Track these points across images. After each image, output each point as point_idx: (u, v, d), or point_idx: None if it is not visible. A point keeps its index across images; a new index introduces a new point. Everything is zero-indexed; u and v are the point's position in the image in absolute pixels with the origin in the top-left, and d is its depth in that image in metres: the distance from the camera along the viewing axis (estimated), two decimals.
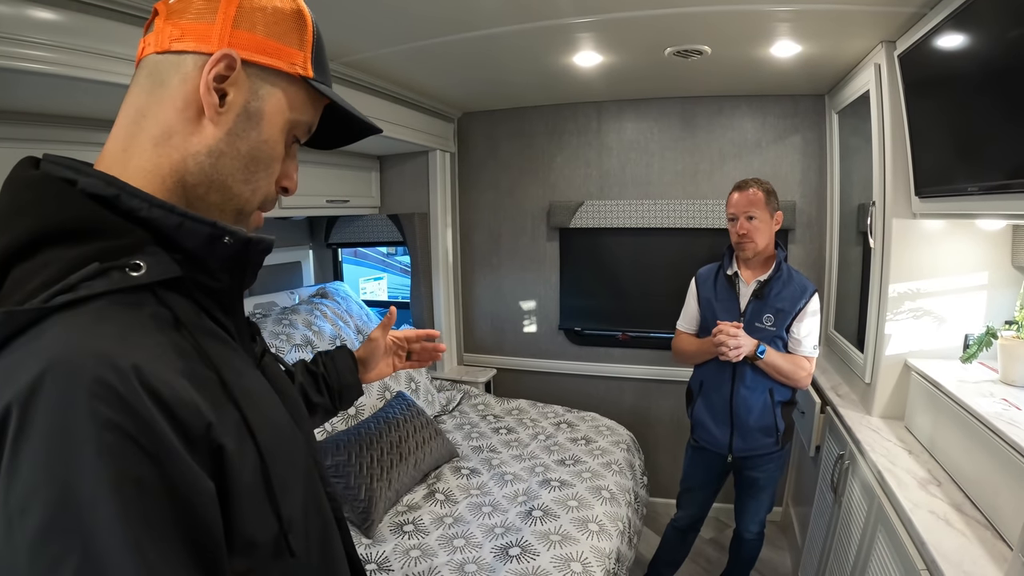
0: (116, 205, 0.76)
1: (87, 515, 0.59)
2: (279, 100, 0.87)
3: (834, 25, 2.61)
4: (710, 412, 2.97)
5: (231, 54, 0.80)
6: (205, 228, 0.80)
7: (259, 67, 0.84)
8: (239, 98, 0.83)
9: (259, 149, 0.87)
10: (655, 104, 4.15)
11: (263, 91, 0.85)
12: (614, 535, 2.71)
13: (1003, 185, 1.84)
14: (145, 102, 0.82)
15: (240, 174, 0.86)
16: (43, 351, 0.63)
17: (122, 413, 0.62)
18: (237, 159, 0.85)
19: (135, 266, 0.73)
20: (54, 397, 0.60)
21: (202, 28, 0.81)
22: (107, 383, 0.62)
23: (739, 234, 2.81)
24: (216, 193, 0.85)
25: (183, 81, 0.81)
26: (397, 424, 3.11)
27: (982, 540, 1.79)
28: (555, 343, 4.64)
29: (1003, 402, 2.06)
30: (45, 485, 0.59)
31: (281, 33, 0.86)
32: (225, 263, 0.84)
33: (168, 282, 0.77)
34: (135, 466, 0.62)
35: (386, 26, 2.63)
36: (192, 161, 0.82)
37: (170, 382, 0.67)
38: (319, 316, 3.90)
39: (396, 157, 4.44)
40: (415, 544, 2.57)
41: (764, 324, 2.80)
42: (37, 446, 0.59)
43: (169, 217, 0.78)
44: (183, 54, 0.81)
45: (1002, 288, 2.60)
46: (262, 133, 0.86)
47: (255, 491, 0.76)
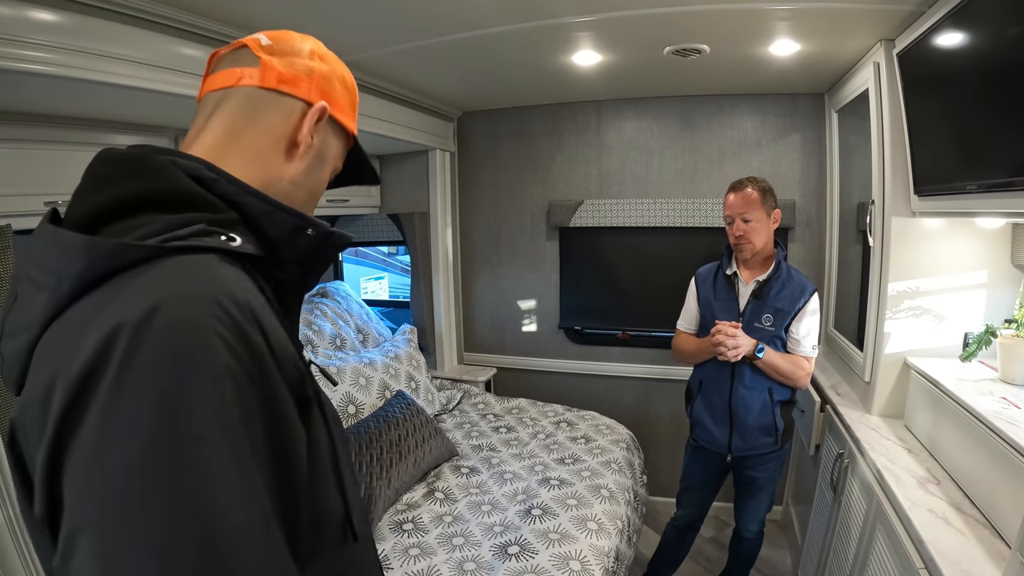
0: (212, 188, 0.84)
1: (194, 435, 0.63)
2: (336, 149, 1.05)
3: (833, 23, 2.61)
4: (709, 411, 2.97)
5: (326, 108, 0.98)
6: (291, 218, 0.90)
7: (334, 121, 1.02)
8: (318, 142, 0.99)
9: (319, 186, 1.04)
10: (654, 103, 4.15)
11: (330, 140, 1.03)
12: (613, 534, 2.71)
13: (1002, 183, 1.84)
14: (243, 125, 0.93)
15: (304, 203, 1.00)
16: (162, 282, 0.68)
17: (239, 340, 0.68)
18: (306, 190, 1.00)
19: (232, 237, 0.80)
20: (176, 320, 0.65)
21: (304, 80, 0.96)
22: (227, 310, 0.69)
23: (736, 236, 2.80)
24: None
25: (284, 119, 0.95)
26: (397, 423, 3.11)
27: (980, 539, 1.79)
28: (555, 342, 4.64)
29: (1002, 401, 2.06)
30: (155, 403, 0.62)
31: (345, 97, 1.04)
32: (300, 255, 0.92)
33: (254, 262, 0.84)
34: (246, 392, 0.68)
35: (386, 25, 2.63)
36: (277, 184, 0.95)
37: (274, 328, 0.76)
38: (319, 315, 3.90)
39: (396, 156, 4.45)
40: (414, 543, 2.57)
41: (763, 324, 2.80)
42: (150, 364, 0.63)
43: (261, 205, 0.87)
44: (286, 96, 0.95)
45: (1001, 286, 2.59)
46: (323, 174, 1.04)
47: (327, 463, 0.84)
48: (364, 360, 3.63)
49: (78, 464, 0.62)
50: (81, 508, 0.61)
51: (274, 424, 0.71)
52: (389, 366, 3.74)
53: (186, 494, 0.61)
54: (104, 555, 0.60)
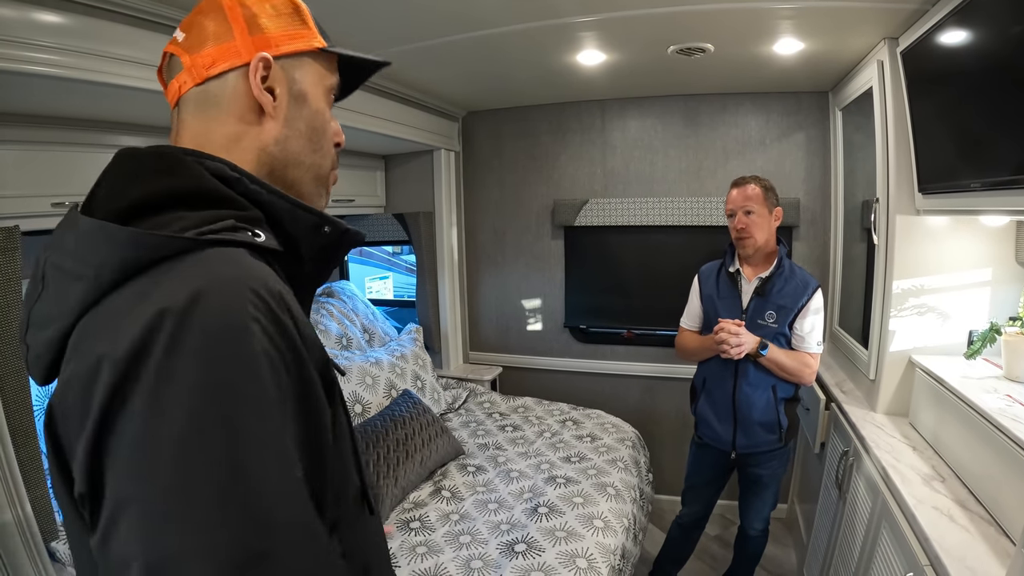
0: (235, 187, 0.86)
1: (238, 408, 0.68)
2: (312, 75, 1.00)
3: (837, 22, 2.62)
4: (713, 409, 2.98)
5: (265, 56, 0.92)
6: (312, 217, 0.93)
7: (286, 56, 0.96)
8: (283, 88, 0.96)
9: (314, 120, 1.00)
10: (659, 102, 4.15)
11: (297, 74, 0.97)
12: (619, 532, 2.72)
13: (1006, 181, 1.84)
14: (204, 126, 0.93)
15: (308, 147, 0.99)
16: (202, 270, 0.73)
17: (275, 325, 0.73)
18: (300, 137, 0.98)
19: (257, 234, 0.84)
20: (218, 304, 0.70)
21: (226, 48, 0.92)
22: (264, 298, 0.74)
23: (737, 229, 2.82)
24: (293, 170, 0.98)
25: (235, 95, 0.93)
26: (403, 422, 3.12)
27: (985, 536, 1.79)
28: (560, 341, 4.65)
29: (1007, 398, 2.07)
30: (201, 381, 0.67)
31: (287, 23, 0.97)
32: (316, 251, 0.95)
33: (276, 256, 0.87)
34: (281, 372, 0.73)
35: (390, 26, 2.64)
36: (264, 155, 0.95)
37: (302, 316, 0.80)
38: (325, 315, 3.92)
39: (401, 156, 4.46)
40: (421, 541, 2.58)
41: (766, 321, 2.80)
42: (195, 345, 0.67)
43: (282, 203, 0.90)
44: (223, 75, 0.92)
45: (1006, 284, 2.60)
46: (311, 107, 0.99)
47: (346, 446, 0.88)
48: (370, 359, 3.64)
49: (125, 440, 0.66)
50: (128, 481, 0.66)
51: (305, 401, 0.76)
52: (395, 365, 3.75)
53: (229, 466, 0.66)
54: (149, 526, 0.64)
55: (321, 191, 1.04)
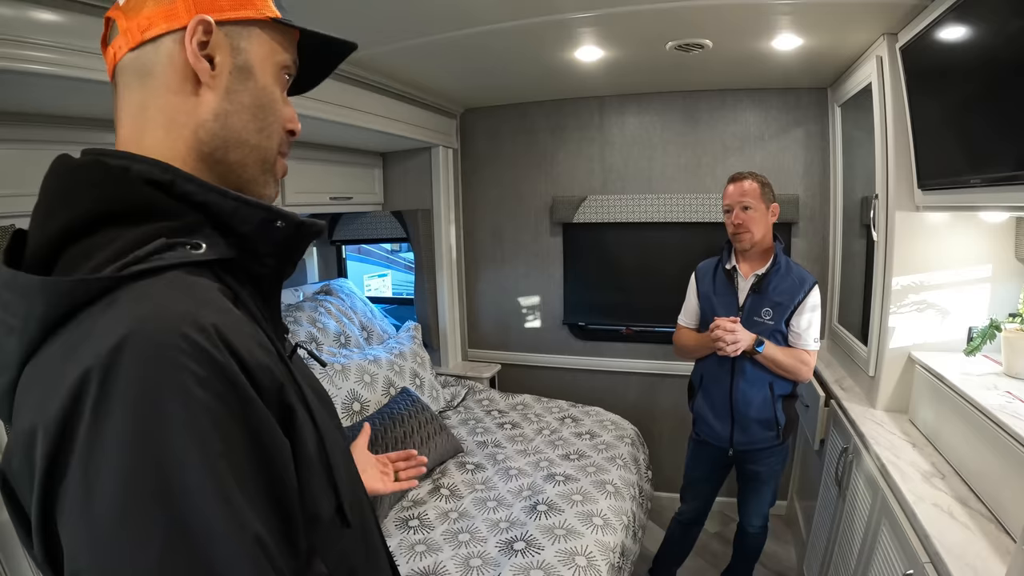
0: (171, 190, 0.79)
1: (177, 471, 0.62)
2: (261, 47, 0.89)
3: (835, 18, 2.61)
4: (710, 406, 2.98)
5: (204, 18, 0.82)
6: (259, 212, 0.84)
7: (232, 23, 0.86)
8: (225, 57, 0.85)
9: (260, 96, 0.89)
10: (657, 98, 4.15)
11: (243, 43, 0.87)
12: (619, 529, 2.71)
13: (1006, 177, 1.84)
14: (140, 97, 0.84)
15: (252, 125, 0.88)
16: (124, 316, 0.66)
17: (210, 369, 0.66)
18: (243, 112, 0.87)
19: (196, 244, 0.77)
20: (142, 356, 0.63)
21: (165, 9, 0.83)
22: (194, 340, 0.66)
23: (735, 224, 2.81)
24: (235, 151, 0.88)
25: (169, 62, 0.83)
26: (402, 420, 3.12)
27: (986, 533, 1.79)
28: (559, 338, 4.64)
29: (1007, 395, 2.07)
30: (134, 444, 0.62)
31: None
32: (275, 247, 0.87)
33: (224, 264, 0.81)
34: (224, 421, 0.66)
35: (387, 23, 2.64)
36: (203, 131, 0.85)
37: (245, 344, 0.72)
38: (324, 313, 3.91)
39: (399, 154, 4.45)
40: (420, 539, 2.58)
41: (763, 318, 2.80)
42: (123, 406, 0.62)
43: (224, 202, 0.82)
44: (158, 39, 0.83)
45: (1006, 281, 2.59)
46: (258, 81, 0.89)
47: (316, 463, 0.80)
48: (369, 357, 3.63)
49: (69, 511, 0.63)
50: (78, 553, 0.63)
51: (255, 445, 0.70)
52: (394, 363, 3.74)
53: (174, 531, 0.62)
54: None
55: (268, 178, 0.94)
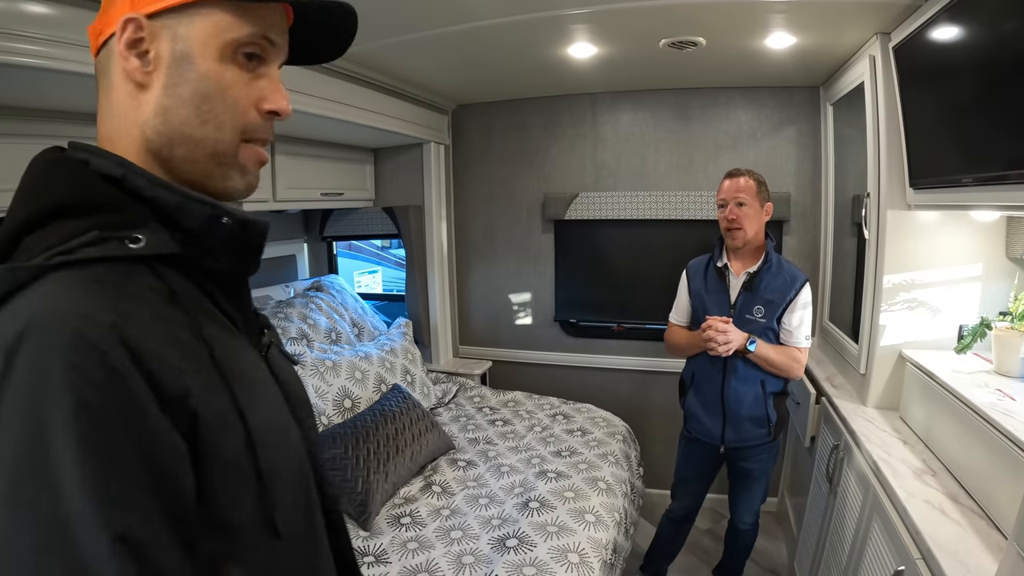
0: (123, 184, 0.80)
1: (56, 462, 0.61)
2: (202, 30, 0.82)
3: (829, 17, 2.62)
4: (702, 403, 2.99)
5: (131, 17, 0.80)
6: (204, 208, 0.82)
7: (171, 11, 0.81)
8: (163, 49, 0.81)
9: (202, 85, 0.83)
10: (650, 96, 4.15)
11: (181, 31, 0.82)
12: (611, 526, 2.72)
13: (997, 176, 1.85)
14: (104, 100, 0.86)
15: (194, 118, 0.83)
16: (32, 304, 0.67)
17: (98, 366, 0.65)
18: (183, 106, 0.83)
19: (134, 239, 0.76)
20: (34, 346, 0.64)
21: (112, 11, 0.82)
22: (85, 336, 0.65)
23: (728, 219, 2.82)
24: (180, 147, 0.84)
25: (116, 64, 0.83)
26: (393, 416, 3.11)
27: (977, 529, 1.80)
28: (551, 335, 4.64)
29: (997, 392, 2.08)
30: (18, 434, 0.62)
31: None
32: (225, 243, 0.85)
33: (170, 260, 0.80)
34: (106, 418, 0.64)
35: (379, 18, 2.63)
36: (147, 129, 0.83)
37: (150, 344, 0.70)
38: (314, 309, 3.90)
39: (390, 150, 4.43)
40: (412, 536, 2.58)
41: (755, 316, 2.81)
42: (16, 394, 0.63)
43: (171, 196, 0.81)
44: (107, 43, 0.84)
45: (996, 279, 2.61)
46: (198, 69, 0.83)
47: (237, 469, 0.77)
48: (360, 354, 3.63)
49: None
50: None
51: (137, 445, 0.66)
52: (385, 360, 3.74)
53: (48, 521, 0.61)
54: None
55: (228, 171, 0.88)
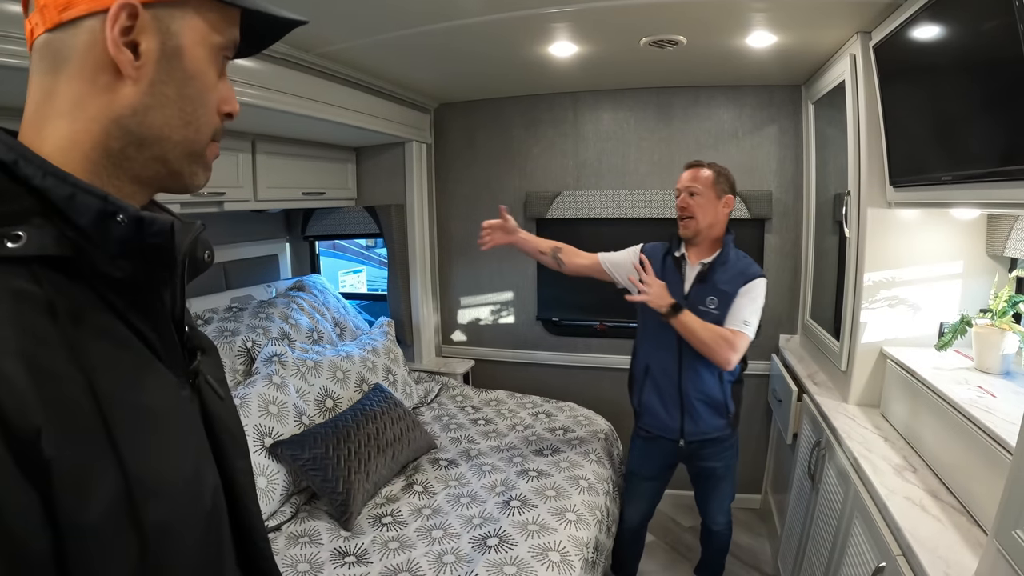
0: (15, 172, 0.69)
1: None
2: (196, 28, 0.78)
3: (809, 15, 2.63)
4: (659, 396, 2.97)
5: (128, 2, 0.71)
6: (96, 202, 0.70)
7: (162, 3, 0.75)
8: (152, 43, 0.75)
9: (188, 86, 0.79)
10: (631, 94, 4.15)
11: (175, 26, 0.76)
12: (592, 524, 2.71)
13: (977, 175, 1.86)
14: (51, 83, 0.74)
15: (177, 119, 0.78)
16: None
17: None
18: (168, 106, 0.77)
19: (14, 236, 0.65)
20: None
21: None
22: None
23: (680, 208, 2.83)
24: (153, 147, 0.78)
25: (88, 49, 0.73)
26: (375, 416, 3.09)
27: (957, 525, 1.80)
28: (533, 334, 4.64)
29: (978, 389, 2.09)
30: None
31: None
32: (122, 247, 0.72)
33: (58, 263, 0.68)
34: None
35: (360, 16, 2.62)
36: (115, 128, 0.75)
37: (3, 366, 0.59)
38: (296, 309, 3.88)
39: (372, 149, 4.41)
40: (393, 536, 2.57)
41: (708, 307, 2.79)
42: None
43: (61, 187, 0.69)
44: (77, 21, 0.72)
45: (977, 277, 2.62)
46: (187, 70, 0.78)
47: (108, 531, 0.65)
48: (341, 354, 3.61)
49: None
50: None
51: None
52: (366, 359, 3.72)
53: None
54: None
55: (196, 168, 0.84)
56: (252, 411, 2.78)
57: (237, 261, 4.34)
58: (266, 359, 3.16)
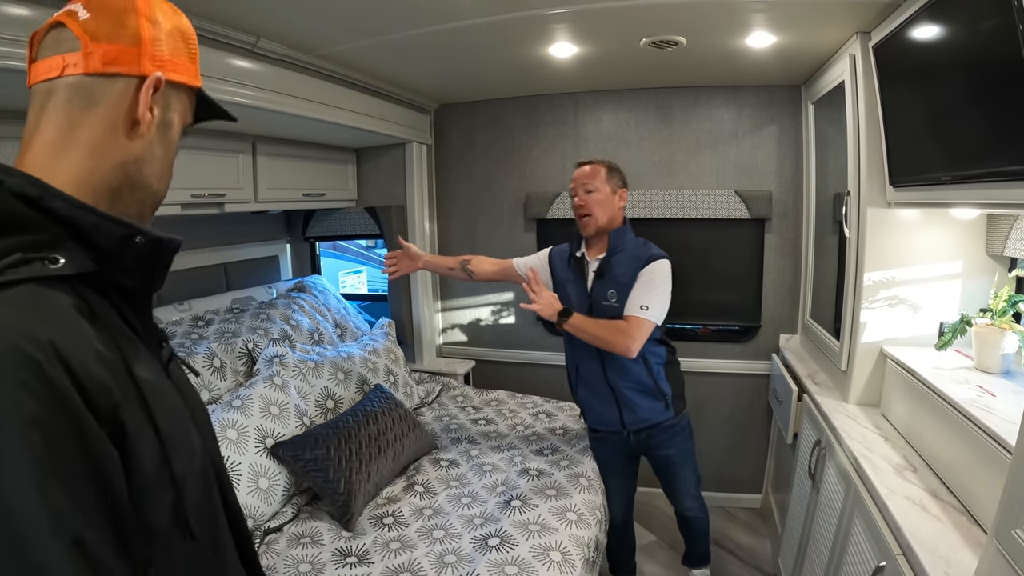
0: (38, 204, 0.82)
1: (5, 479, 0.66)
2: (181, 108, 1.01)
3: (809, 16, 2.63)
4: (592, 393, 2.99)
5: (161, 77, 0.92)
6: (120, 229, 0.88)
7: (171, 84, 0.97)
8: (159, 112, 0.96)
9: (169, 151, 1.01)
10: (631, 95, 4.16)
11: (172, 103, 0.99)
12: (592, 524, 2.71)
13: (976, 175, 1.86)
14: (77, 118, 0.89)
15: (158, 173, 0.99)
16: None
17: (42, 383, 0.70)
18: (156, 162, 0.98)
19: (54, 259, 0.79)
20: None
21: (131, 52, 0.91)
22: (30, 356, 0.70)
23: (577, 206, 2.84)
24: (139, 192, 0.96)
25: (119, 100, 0.91)
26: (375, 417, 3.10)
27: (957, 525, 1.80)
28: (533, 334, 4.64)
29: (977, 389, 2.09)
30: None
31: (182, 51, 0.99)
32: (138, 261, 0.91)
33: (85, 278, 0.84)
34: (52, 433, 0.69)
35: (361, 18, 2.62)
36: (121, 170, 0.92)
37: (83, 360, 0.75)
38: (297, 310, 3.89)
39: (372, 150, 4.42)
40: (395, 536, 2.57)
41: (610, 301, 2.80)
42: None
43: (87, 217, 0.85)
44: (114, 77, 0.90)
45: (976, 276, 2.62)
46: (171, 138, 1.00)
47: (154, 477, 0.83)
48: (342, 354, 3.61)
49: None
50: None
51: (81, 456, 0.73)
52: (367, 360, 3.72)
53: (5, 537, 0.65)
54: None
55: (151, 216, 1.03)
56: (253, 412, 2.78)
57: (238, 262, 4.34)
58: (267, 360, 3.17)
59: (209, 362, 3.15)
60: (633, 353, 2.70)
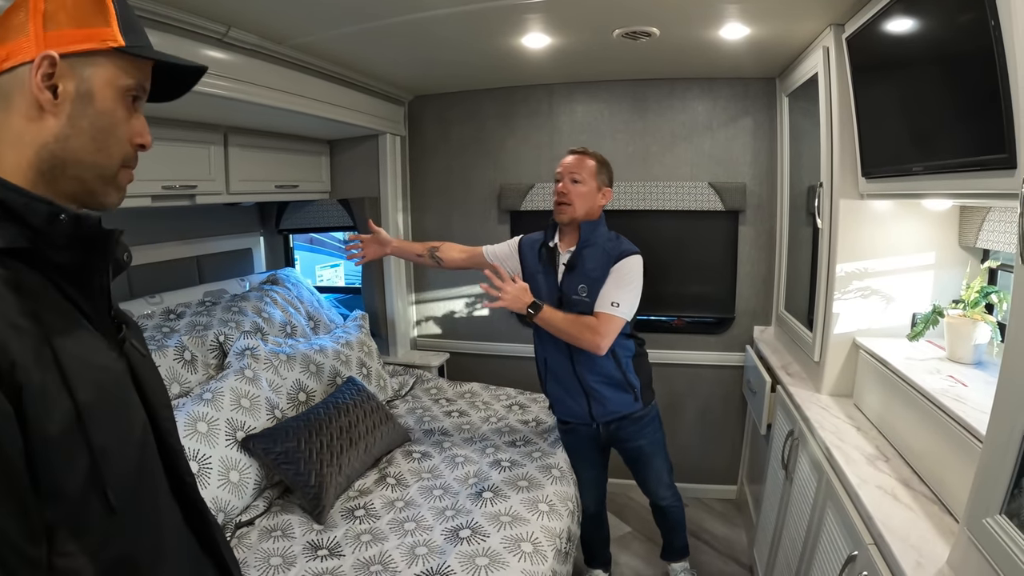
0: None
1: None
2: (104, 74, 1.00)
3: (782, 7, 2.62)
4: (561, 386, 2.99)
5: (49, 54, 0.93)
6: (44, 207, 0.92)
7: (76, 55, 0.97)
8: (69, 86, 0.96)
9: (99, 120, 1.00)
10: (606, 87, 4.15)
11: (87, 72, 0.98)
12: (564, 515, 2.71)
13: (948, 165, 1.86)
14: (2, 119, 0.96)
15: (90, 146, 0.99)
16: None
17: None
18: (83, 135, 0.98)
19: None
20: None
21: (22, 43, 0.94)
22: None
23: (559, 192, 2.82)
24: (73, 168, 0.98)
25: (22, 91, 0.95)
26: (347, 409, 3.07)
27: (929, 514, 1.81)
28: (508, 326, 4.62)
29: (949, 379, 2.10)
30: None
31: (85, 19, 0.97)
32: (68, 240, 0.94)
33: (19, 255, 0.89)
34: None
35: (333, 6, 2.59)
36: (44, 151, 0.96)
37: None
38: (269, 303, 3.86)
39: (346, 141, 4.39)
40: (366, 528, 2.55)
41: (580, 295, 2.80)
42: None
43: (18, 198, 0.90)
44: (15, 69, 0.95)
45: (949, 268, 2.63)
46: (97, 107, 0.99)
47: (62, 440, 0.85)
48: (314, 347, 3.58)
49: None
50: None
51: None
52: (340, 353, 3.70)
53: None
54: None
55: (108, 189, 1.05)
56: (224, 405, 2.75)
57: (210, 255, 4.29)
58: (238, 353, 3.13)
59: (180, 355, 3.11)
60: (603, 351, 2.71)
